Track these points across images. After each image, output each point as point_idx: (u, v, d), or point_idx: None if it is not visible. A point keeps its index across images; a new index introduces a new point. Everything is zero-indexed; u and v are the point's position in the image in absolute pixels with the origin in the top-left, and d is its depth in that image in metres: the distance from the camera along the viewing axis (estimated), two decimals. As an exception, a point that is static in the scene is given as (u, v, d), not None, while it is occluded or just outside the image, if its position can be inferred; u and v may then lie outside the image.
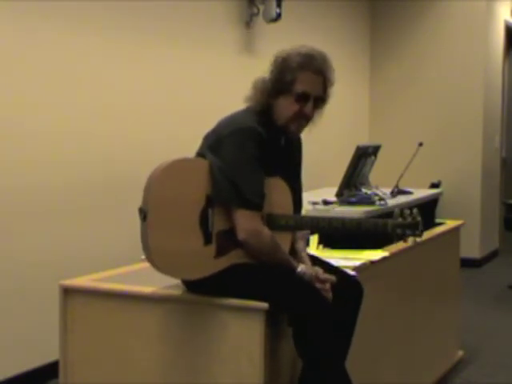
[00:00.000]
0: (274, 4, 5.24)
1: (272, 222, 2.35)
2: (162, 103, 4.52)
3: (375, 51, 7.38)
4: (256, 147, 2.28)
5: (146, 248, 2.21)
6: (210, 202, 2.26)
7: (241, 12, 5.25)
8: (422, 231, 2.39)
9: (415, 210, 2.38)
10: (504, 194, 7.87)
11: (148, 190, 2.21)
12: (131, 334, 2.44)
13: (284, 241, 2.40)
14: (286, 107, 2.37)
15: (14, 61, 3.59)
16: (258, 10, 5.30)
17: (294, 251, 2.48)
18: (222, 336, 2.29)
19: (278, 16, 5.28)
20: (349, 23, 6.98)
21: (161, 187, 2.20)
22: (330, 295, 2.30)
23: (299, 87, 2.34)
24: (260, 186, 2.30)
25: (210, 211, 2.26)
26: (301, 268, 2.32)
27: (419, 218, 2.37)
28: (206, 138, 2.39)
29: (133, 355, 2.43)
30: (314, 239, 3.02)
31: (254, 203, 2.27)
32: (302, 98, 2.36)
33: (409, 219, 2.35)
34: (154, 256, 2.19)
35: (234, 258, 2.29)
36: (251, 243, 2.28)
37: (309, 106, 2.37)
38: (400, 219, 2.35)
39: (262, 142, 2.30)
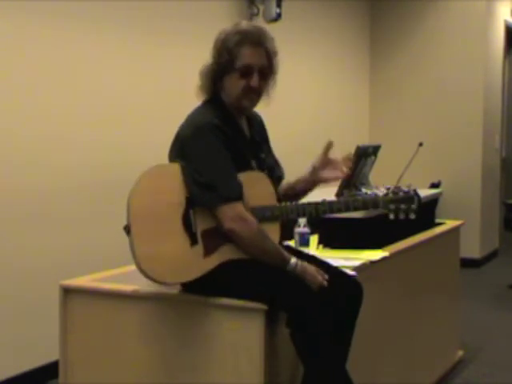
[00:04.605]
0: (274, 4, 5.25)
1: (257, 214, 2.35)
2: (162, 104, 4.51)
3: (375, 51, 7.38)
4: (219, 141, 2.30)
5: (135, 258, 2.22)
6: (190, 203, 2.28)
7: (241, 12, 5.25)
8: (419, 204, 2.43)
9: (412, 188, 2.45)
10: (504, 194, 7.88)
11: (128, 206, 2.24)
12: (131, 333, 2.44)
13: (272, 233, 2.38)
14: (232, 85, 2.39)
15: (10, 62, 3.59)
16: (258, 9, 5.31)
17: (289, 187, 2.55)
18: (221, 336, 2.29)
19: (278, 16, 5.28)
20: (349, 23, 6.98)
21: (139, 197, 2.24)
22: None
23: (240, 62, 2.37)
24: (234, 178, 2.30)
25: (191, 212, 2.27)
26: (293, 260, 2.30)
27: (412, 192, 2.43)
28: (173, 146, 2.42)
29: (133, 355, 2.43)
30: (314, 239, 3.02)
31: (233, 197, 2.27)
32: (246, 71, 2.38)
33: (401, 194, 2.41)
34: (143, 264, 2.20)
35: (224, 254, 2.29)
36: (238, 230, 2.26)
37: (254, 78, 2.38)
38: (391, 195, 2.42)
39: (225, 134, 2.32)
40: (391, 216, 2.49)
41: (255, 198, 2.35)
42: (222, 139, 2.30)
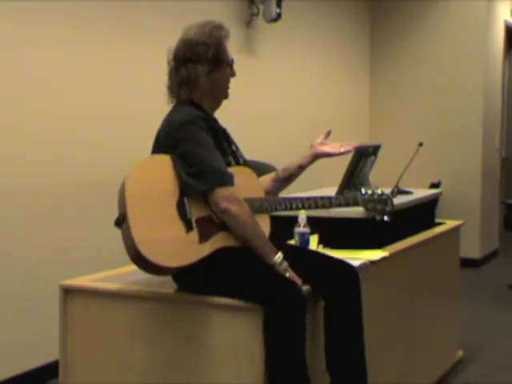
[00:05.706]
0: (274, 4, 5.25)
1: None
2: (161, 103, 4.50)
3: (375, 51, 7.37)
4: (204, 131, 2.37)
5: (131, 242, 2.21)
6: (184, 191, 2.32)
7: (241, 12, 5.25)
8: (392, 207, 2.59)
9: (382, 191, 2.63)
10: (504, 194, 7.88)
11: (122, 194, 2.28)
12: (131, 333, 2.44)
13: (263, 226, 2.41)
14: (225, 78, 2.54)
15: (9, 62, 3.59)
16: (258, 9, 5.30)
17: (282, 169, 2.67)
18: (221, 336, 2.30)
19: (278, 16, 5.28)
20: (349, 23, 6.98)
21: (133, 185, 2.29)
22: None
23: (228, 55, 2.53)
24: (222, 164, 2.36)
25: (185, 199, 2.31)
26: (279, 256, 2.32)
27: (385, 196, 2.60)
28: (154, 147, 2.48)
29: (133, 355, 2.44)
30: (314, 239, 3.02)
31: (227, 182, 2.32)
32: (232, 63, 2.55)
33: (375, 196, 2.57)
34: (141, 247, 2.20)
35: (219, 242, 2.32)
36: (232, 209, 2.29)
37: (234, 68, 2.57)
38: (367, 196, 2.58)
39: (207, 125, 2.40)
40: (368, 215, 2.63)
41: (244, 191, 2.40)
42: (206, 130, 2.38)
